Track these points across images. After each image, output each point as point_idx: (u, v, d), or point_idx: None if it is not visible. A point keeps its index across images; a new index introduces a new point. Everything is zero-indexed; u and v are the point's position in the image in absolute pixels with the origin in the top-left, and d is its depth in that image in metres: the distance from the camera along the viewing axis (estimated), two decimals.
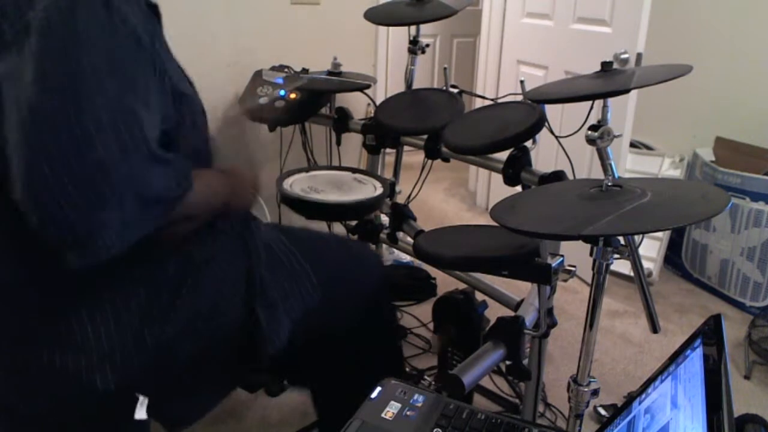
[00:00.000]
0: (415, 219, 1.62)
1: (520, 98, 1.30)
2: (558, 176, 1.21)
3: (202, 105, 0.91)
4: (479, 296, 1.44)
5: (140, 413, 0.82)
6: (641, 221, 0.79)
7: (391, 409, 0.77)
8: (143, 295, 0.83)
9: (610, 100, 1.03)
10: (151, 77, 0.76)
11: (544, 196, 0.99)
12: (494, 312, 1.27)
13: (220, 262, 0.93)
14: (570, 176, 1.22)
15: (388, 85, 2.88)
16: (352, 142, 1.95)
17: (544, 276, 1.09)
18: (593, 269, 1.02)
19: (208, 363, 0.92)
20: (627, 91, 1.00)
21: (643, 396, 0.65)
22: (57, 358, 0.78)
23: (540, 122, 1.21)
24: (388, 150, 1.80)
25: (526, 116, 1.24)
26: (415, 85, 1.76)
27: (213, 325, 0.90)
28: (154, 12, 0.84)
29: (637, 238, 1.05)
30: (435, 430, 0.75)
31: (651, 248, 2.46)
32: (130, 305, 0.82)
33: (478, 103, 2.60)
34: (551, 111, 1.25)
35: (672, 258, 2.56)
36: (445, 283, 1.95)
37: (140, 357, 0.82)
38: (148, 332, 0.83)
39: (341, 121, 1.77)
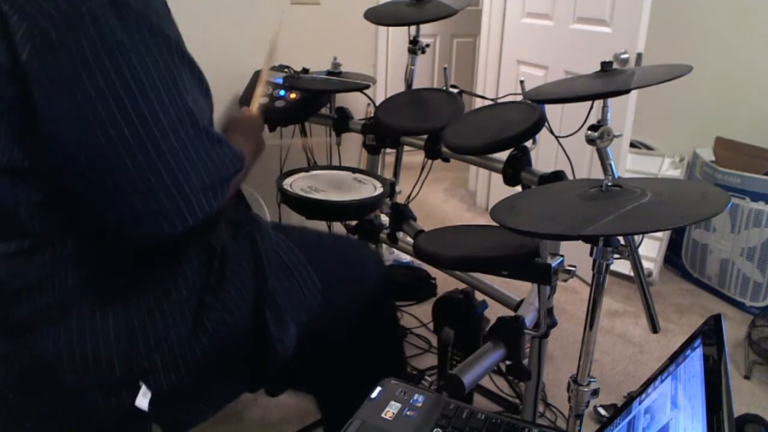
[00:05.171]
0: (415, 219, 1.62)
1: (520, 98, 1.30)
2: (558, 176, 1.21)
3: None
4: (479, 296, 1.44)
5: (142, 402, 0.82)
6: (641, 221, 0.79)
7: (391, 409, 0.77)
8: (160, 294, 0.84)
9: (610, 100, 1.03)
10: (186, 68, 0.78)
11: (544, 196, 0.99)
12: (494, 312, 1.27)
13: (232, 264, 0.93)
14: (570, 176, 1.22)
15: (388, 85, 2.89)
16: (352, 142, 1.95)
17: (544, 276, 1.09)
18: (593, 269, 1.02)
19: (216, 368, 0.92)
20: (627, 91, 1.00)
21: (643, 396, 0.65)
22: (70, 356, 0.78)
23: (540, 122, 1.21)
24: (388, 150, 1.80)
25: (526, 116, 1.24)
26: (415, 85, 1.76)
27: (222, 329, 0.90)
28: None
29: (637, 238, 1.06)
30: (435, 430, 0.75)
31: (651, 248, 2.46)
32: (141, 304, 0.83)
33: (478, 103, 2.60)
34: (551, 111, 1.25)
35: (672, 258, 2.56)
36: (445, 283, 1.95)
37: (150, 355, 0.83)
38: (162, 330, 0.83)
39: (341, 121, 1.77)
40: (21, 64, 0.68)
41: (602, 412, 1.66)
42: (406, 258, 2.33)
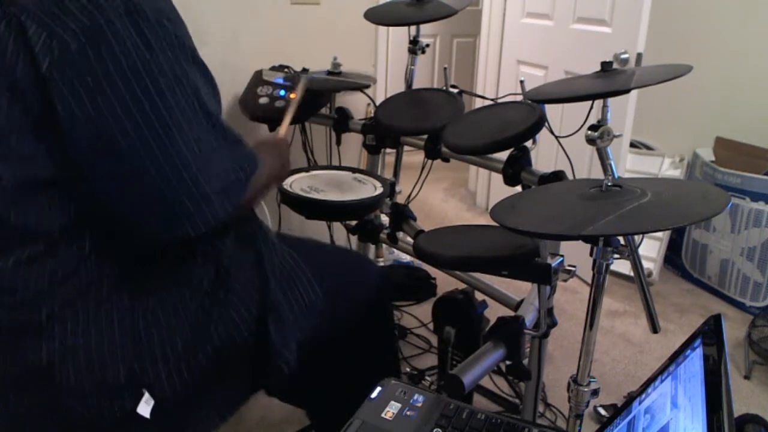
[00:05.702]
0: (415, 219, 1.62)
1: (520, 98, 1.30)
2: (558, 176, 1.21)
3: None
4: (479, 296, 1.44)
5: (144, 409, 0.82)
6: (641, 221, 0.79)
7: (391, 409, 0.77)
8: (164, 300, 0.84)
9: (610, 100, 1.03)
10: (199, 71, 0.80)
11: (544, 196, 0.99)
12: (494, 312, 1.27)
13: (236, 272, 0.93)
14: (570, 176, 1.22)
15: (388, 85, 2.89)
16: (352, 142, 1.95)
17: (544, 276, 1.09)
18: (593, 269, 1.02)
19: (218, 376, 0.92)
20: (627, 91, 1.00)
21: (643, 396, 0.65)
22: (72, 359, 0.78)
23: (540, 122, 1.21)
24: (388, 150, 1.80)
25: (526, 116, 1.24)
26: (415, 85, 1.76)
27: (226, 337, 0.90)
28: None
29: (637, 238, 1.06)
30: (435, 430, 0.75)
31: (651, 248, 2.46)
32: (145, 309, 0.83)
33: (478, 103, 2.60)
34: (551, 111, 1.25)
35: (672, 258, 2.56)
36: (445, 283, 1.95)
37: (153, 361, 0.83)
38: (165, 336, 0.83)
39: (341, 121, 1.76)
40: (42, 75, 0.69)
41: (602, 412, 1.66)
42: (406, 258, 2.33)
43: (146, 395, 0.82)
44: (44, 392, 0.80)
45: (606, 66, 1.09)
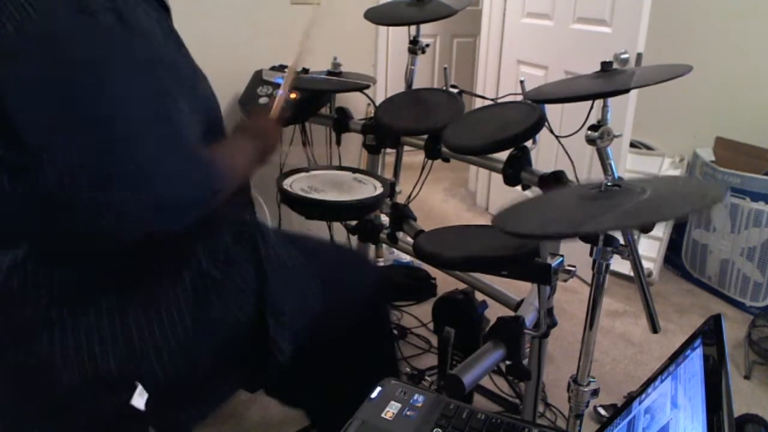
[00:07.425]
0: (415, 219, 1.62)
1: (520, 98, 1.30)
2: (558, 176, 1.21)
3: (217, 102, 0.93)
4: (479, 296, 1.44)
5: (138, 402, 0.82)
6: (637, 215, 0.78)
7: (391, 409, 0.77)
8: (159, 295, 0.84)
9: (610, 100, 1.03)
10: (180, 80, 0.78)
11: (544, 202, 0.99)
12: (494, 312, 1.27)
13: (233, 266, 0.93)
14: (571, 176, 1.22)
15: (388, 85, 2.88)
16: (352, 142, 1.95)
17: (544, 276, 1.09)
18: (593, 269, 1.02)
19: (215, 369, 0.92)
20: (627, 91, 1.00)
21: (643, 396, 0.65)
22: (66, 357, 0.79)
23: (540, 122, 1.21)
24: (388, 150, 1.80)
25: (526, 116, 1.24)
26: (415, 85, 1.76)
27: (222, 331, 0.90)
28: (163, 6, 0.84)
29: (637, 237, 1.06)
30: (435, 430, 0.75)
31: (651, 248, 2.46)
32: (139, 304, 0.83)
33: (478, 103, 2.60)
34: (551, 111, 1.25)
35: (672, 258, 2.56)
36: (445, 283, 1.95)
37: (148, 356, 0.83)
38: (159, 331, 0.83)
39: (341, 121, 1.77)
40: None
41: (602, 412, 1.66)
42: (406, 258, 2.33)
43: (140, 388, 0.82)
44: (43, 391, 0.80)
45: (606, 66, 1.09)
